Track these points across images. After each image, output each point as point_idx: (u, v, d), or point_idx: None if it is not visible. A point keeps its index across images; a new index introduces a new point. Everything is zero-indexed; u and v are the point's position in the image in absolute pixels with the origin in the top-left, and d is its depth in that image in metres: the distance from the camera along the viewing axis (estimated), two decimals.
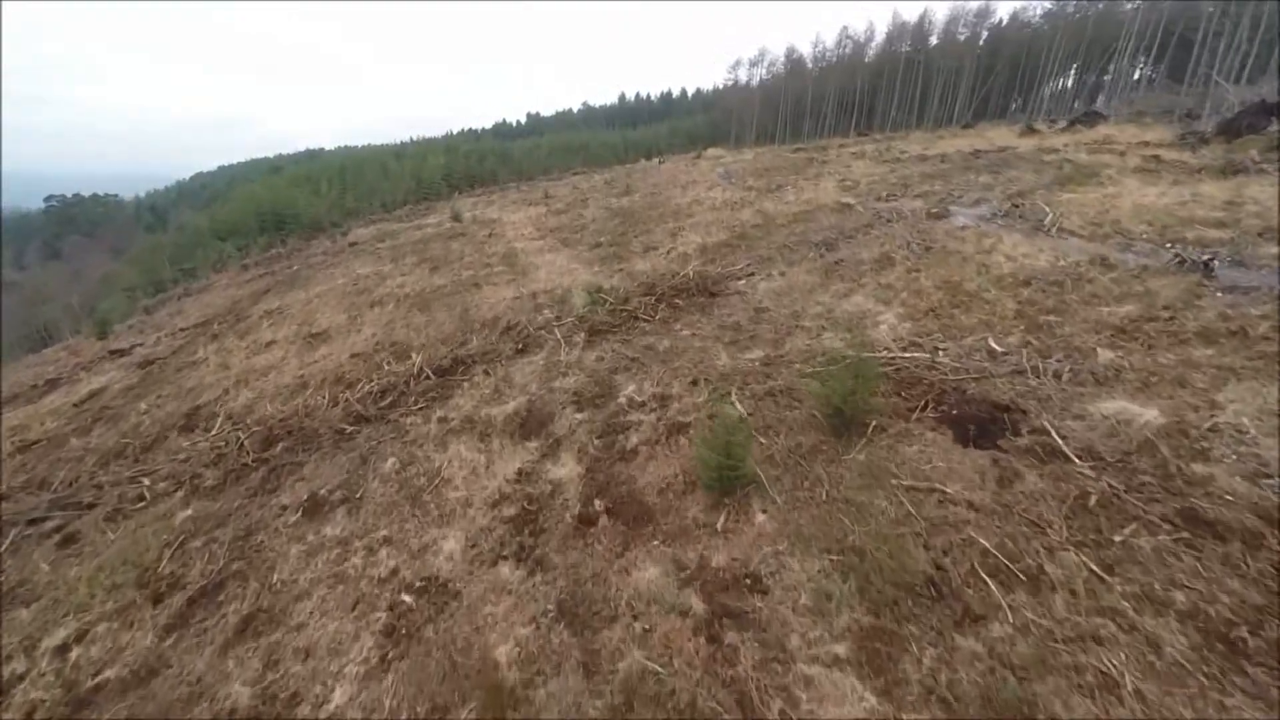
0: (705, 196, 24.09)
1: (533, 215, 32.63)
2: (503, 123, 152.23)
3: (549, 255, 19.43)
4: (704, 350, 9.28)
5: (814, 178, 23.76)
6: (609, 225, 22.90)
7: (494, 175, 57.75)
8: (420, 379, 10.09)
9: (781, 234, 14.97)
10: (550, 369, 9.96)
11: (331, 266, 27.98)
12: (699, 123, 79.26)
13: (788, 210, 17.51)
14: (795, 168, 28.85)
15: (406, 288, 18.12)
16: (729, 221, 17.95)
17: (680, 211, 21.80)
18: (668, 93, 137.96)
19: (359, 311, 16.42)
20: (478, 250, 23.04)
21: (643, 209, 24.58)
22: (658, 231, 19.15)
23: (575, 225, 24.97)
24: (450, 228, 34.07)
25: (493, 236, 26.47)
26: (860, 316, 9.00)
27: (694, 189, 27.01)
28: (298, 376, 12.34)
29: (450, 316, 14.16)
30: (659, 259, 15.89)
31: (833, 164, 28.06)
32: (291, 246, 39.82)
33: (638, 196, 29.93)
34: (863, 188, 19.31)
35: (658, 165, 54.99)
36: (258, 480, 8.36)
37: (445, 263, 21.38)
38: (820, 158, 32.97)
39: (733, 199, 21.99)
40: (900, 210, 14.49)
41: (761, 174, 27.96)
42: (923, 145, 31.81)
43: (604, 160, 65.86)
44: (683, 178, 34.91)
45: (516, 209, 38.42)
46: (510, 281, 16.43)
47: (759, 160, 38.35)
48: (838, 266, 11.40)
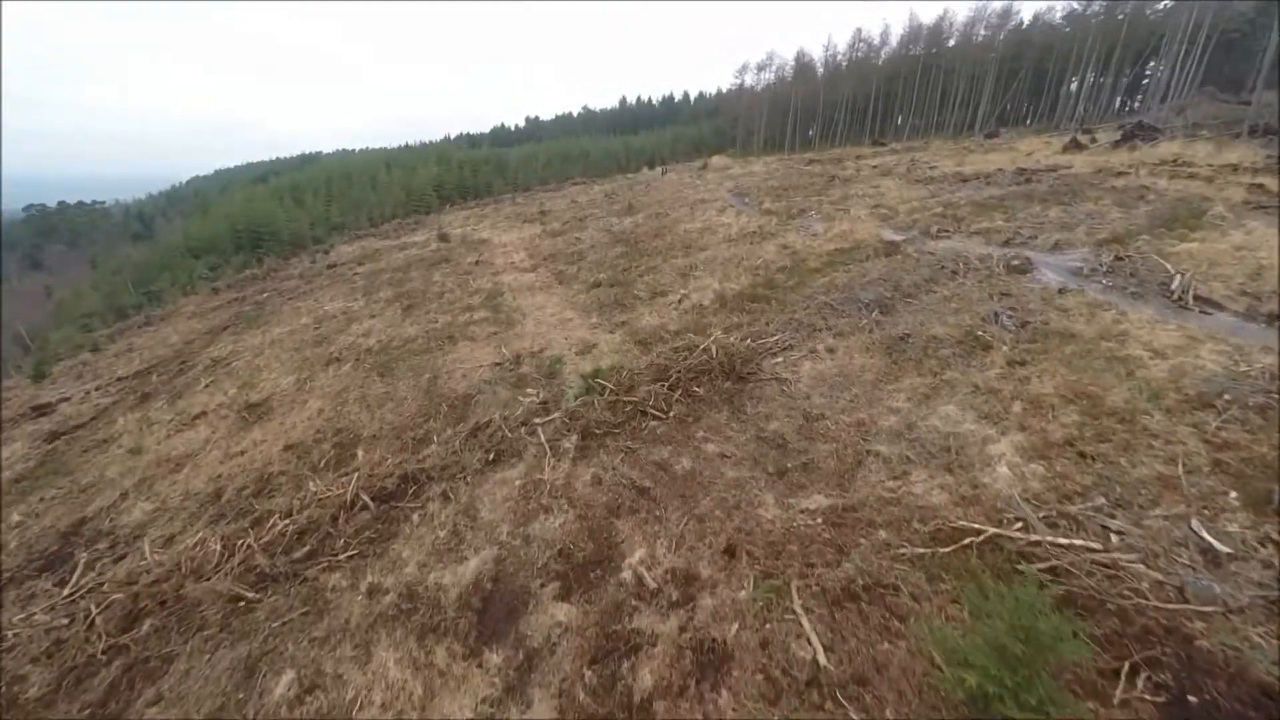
0: (717, 222, 21.65)
1: (526, 237, 30.25)
2: (501, 127, 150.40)
3: (539, 296, 16.98)
4: (739, 485, 6.79)
5: (840, 201, 21.32)
6: (609, 255, 20.47)
7: (488, 187, 55.41)
8: (355, 510, 7.59)
9: (818, 283, 12.50)
10: (529, 496, 7.47)
11: (302, 297, 25.57)
12: (703, 130, 76.85)
13: (819, 248, 15.05)
14: (815, 186, 26.44)
15: (372, 338, 15.66)
16: (749, 260, 15.49)
17: (690, 242, 19.35)
18: (669, 96, 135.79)
19: (312, 372, 13.96)
20: (460, 284, 20.60)
21: (647, 235, 22.15)
22: (665, 269, 16.69)
23: (571, 252, 22.55)
24: (435, 249, 31.68)
25: (479, 264, 24.05)
26: (960, 443, 6.49)
27: (703, 210, 24.59)
28: (214, 477, 9.86)
29: (414, 389, 11.69)
30: (668, 310, 13.43)
31: (857, 182, 25.65)
32: (268, 266, 37.47)
33: (641, 217, 27.53)
34: (903, 218, 16.86)
35: (661, 175, 52.61)
36: (100, 691, 5.88)
37: (422, 301, 18.93)
38: (839, 173, 30.57)
39: (750, 227, 19.54)
40: (965, 257, 12.01)
41: (778, 194, 25.54)
42: (953, 159, 29.39)
43: (605, 169, 63.61)
44: (689, 193, 32.52)
45: (509, 227, 36.04)
46: (491, 336, 13.96)
47: (771, 174, 35.98)
48: (904, 345, 8.91)
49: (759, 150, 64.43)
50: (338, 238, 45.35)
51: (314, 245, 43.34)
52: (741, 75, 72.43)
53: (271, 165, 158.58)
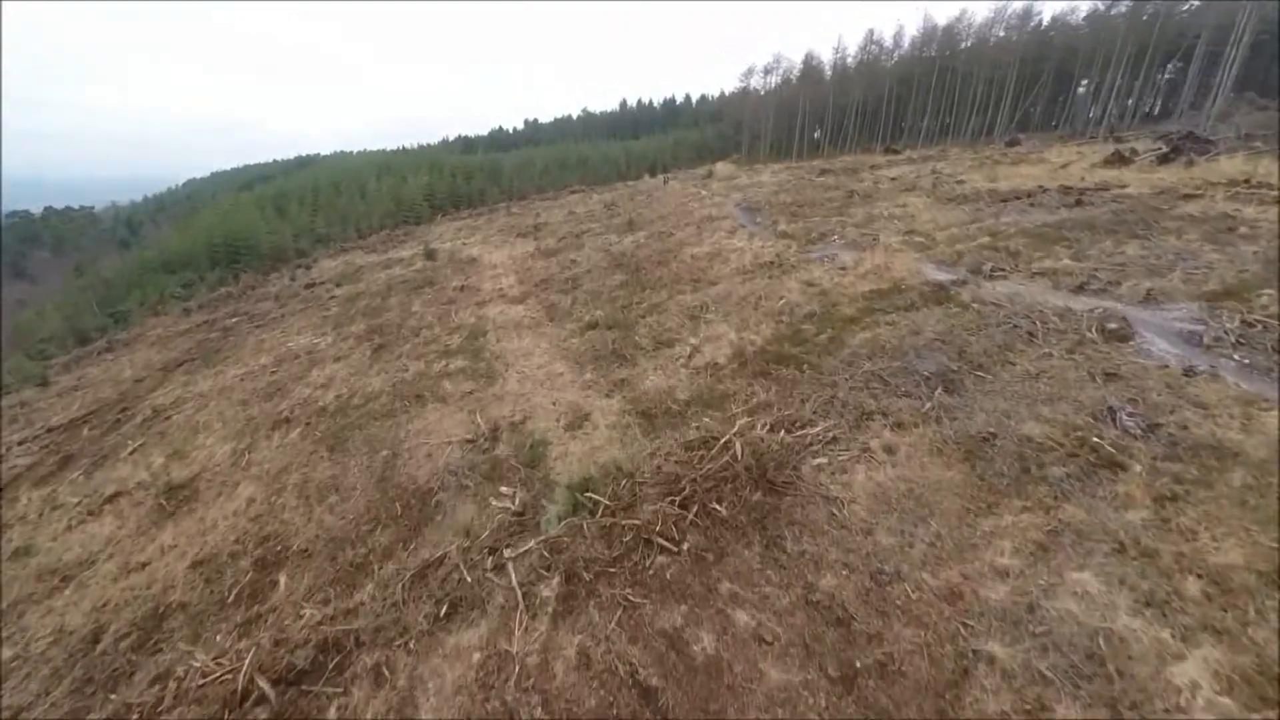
0: (728, 246, 19.63)
1: (517, 255, 28.26)
2: (499, 130, 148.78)
3: (527, 338, 14.94)
4: (788, 699, 4.73)
5: (865, 224, 19.29)
6: (607, 284, 18.46)
7: (482, 195, 53.41)
8: (247, 706, 5.53)
9: (857, 339, 10.46)
10: (489, 683, 5.42)
11: (271, 325, 23.58)
12: (706, 134, 74.68)
13: (851, 288, 13.01)
14: (832, 203, 24.43)
15: (331, 391, 13.63)
16: (769, 300, 13.45)
17: (698, 272, 17.31)
18: (671, 99, 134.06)
19: (254, 439, 11.91)
20: (440, 317, 18.58)
21: (649, 260, 20.13)
22: (671, 308, 14.66)
23: (566, 278, 20.54)
24: (420, 269, 29.67)
25: (464, 290, 22.04)
26: (1118, 652, 4.42)
27: (711, 231, 22.58)
28: (100, 606, 7.80)
29: (366, 473, 9.63)
30: (676, 367, 11.39)
31: (879, 199, 23.64)
32: (245, 284, 35.51)
33: (642, 236, 25.53)
34: (944, 249, 14.83)
35: (664, 185, 50.57)
36: None
37: (395, 339, 16.91)
38: (856, 186, 28.54)
39: (765, 254, 17.52)
40: (1039, 310, 9.96)
41: (793, 212, 23.52)
42: (981, 172, 27.37)
43: (604, 176, 61.65)
44: (695, 208, 30.53)
45: (501, 242, 34.06)
46: (466, 396, 11.91)
47: (782, 186, 33.97)
48: (990, 450, 6.86)
49: (765, 156, 62.49)
50: (322, 250, 43.48)
51: (296, 259, 41.42)
52: (747, 79, 70.59)
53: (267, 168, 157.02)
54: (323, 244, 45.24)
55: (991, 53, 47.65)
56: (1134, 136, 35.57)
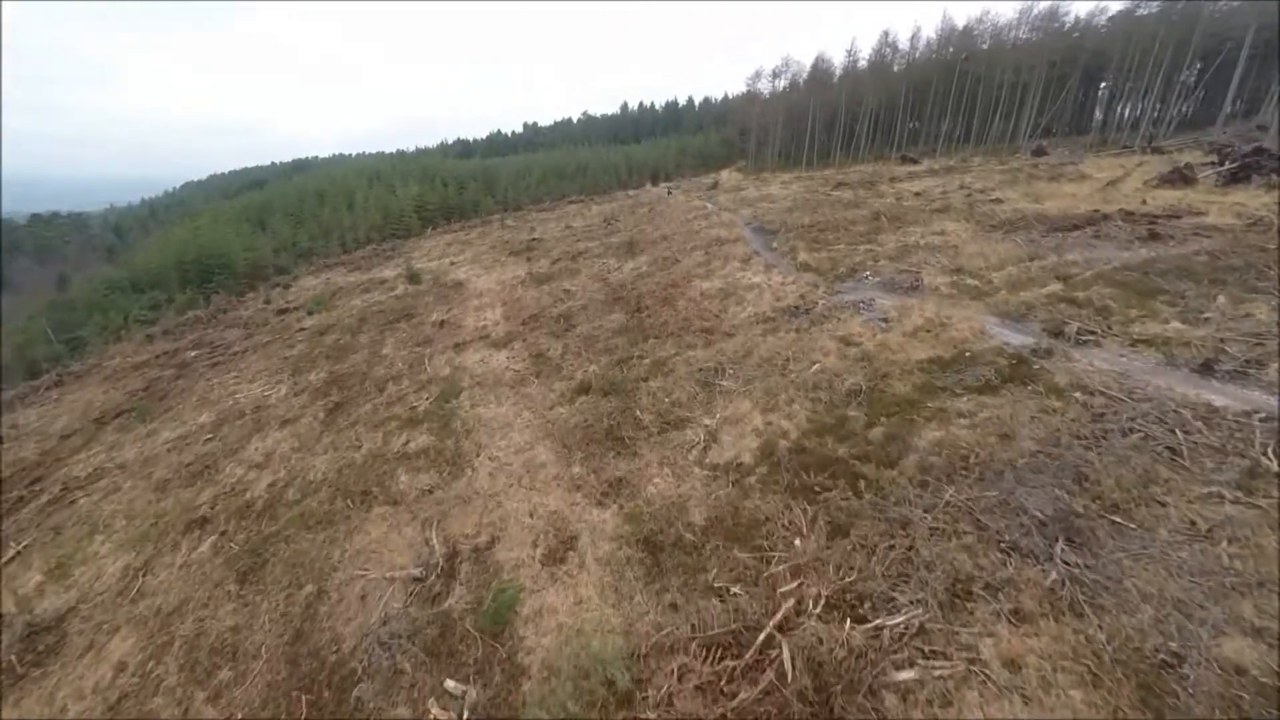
0: (742, 281, 17.30)
1: (507, 281, 25.95)
2: (497, 133, 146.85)
3: (507, 404, 12.62)
4: None
5: (901, 257, 16.94)
6: (604, 327, 16.16)
7: (475, 207, 51.13)
8: None
9: (925, 439, 8.12)
10: None
11: (229, 364, 21.30)
12: (710, 140, 72.17)
13: (902, 353, 10.67)
14: (857, 227, 22.07)
15: (267, 474, 11.32)
16: (800, 365, 11.12)
17: (710, 317, 14.98)
18: (673, 102, 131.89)
19: (158, 547, 9.61)
20: (412, 365, 16.28)
21: (653, 298, 17.80)
22: (680, 369, 12.32)
23: (558, 315, 18.25)
24: (401, 294, 27.34)
25: (444, 328, 19.73)
26: None
27: (721, 259, 20.25)
28: None
29: (276, 629, 7.31)
30: (688, 465, 9.06)
31: (911, 222, 21.29)
32: (216, 306, 33.31)
33: (644, 262, 23.23)
34: (1006, 297, 12.48)
35: (667, 195, 48.17)
36: None
37: (357, 394, 14.62)
38: (881, 205, 26.17)
39: (788, 295, 15.18)
40: (1174, 409, 7.61)
41: (813, 237, 21.18)
42: (1017, 189, 25.01)
43: (604, 185, 59.41)
44: (701, 226, 28.17)
45: (491, 262, 31.75)
46: (424, 496, 9.59)
47: (796, 201, 31.57)
48: (1177, 681, 4.51)
49: (773, 164, 60.17)
50: (305, 267, 41.35)
51: (276, 276, 39.29)
52: (754, 82, 68.22)
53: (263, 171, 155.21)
54: (305, 259, 43.11)
55: (1014, 55, 45.26)
56: (1175, 147, 33.19)
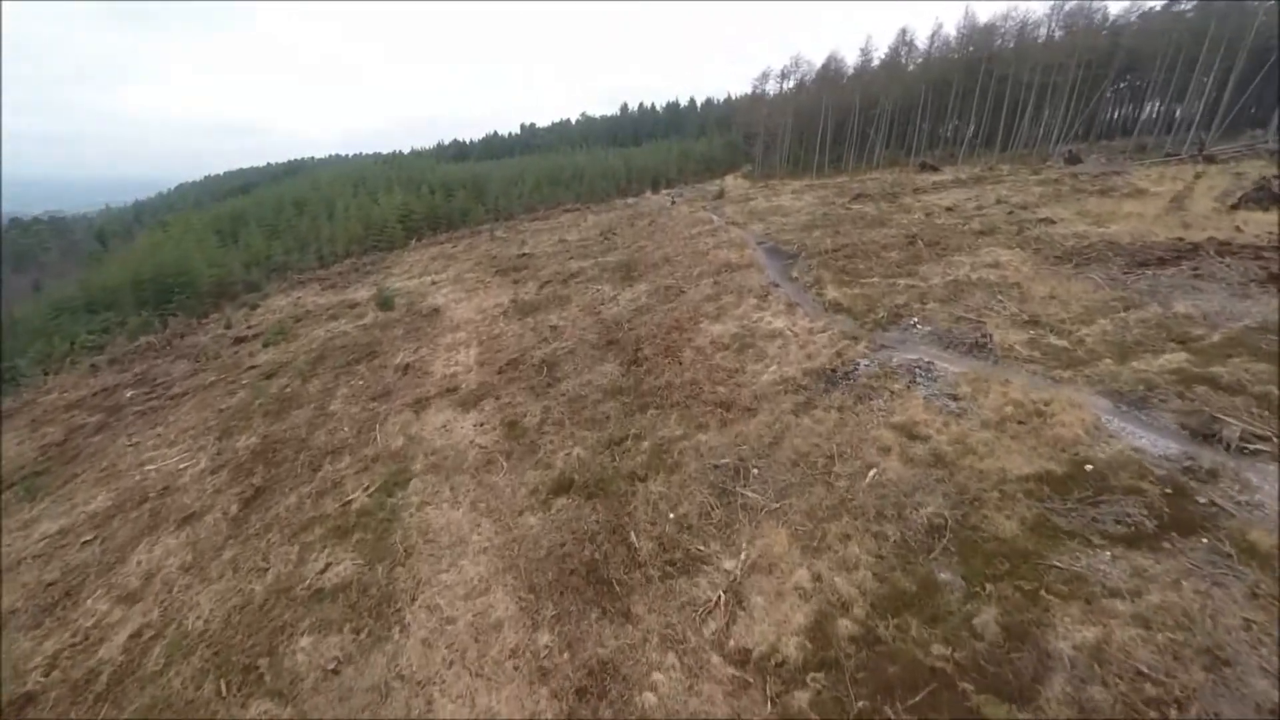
0: (760, 326, 14.53)
1: (488, 310, 23.20)
2: (494, 135, 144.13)
3: (463, 506, 9.87)
4: None
5: (954, 298, 14.17)
6: (594, 385, 13.42)
7: (464, 216, 48.37)
8: None
9: (1071, 634, 5.38)
10: None
11: (163, 409, 18.60)
12: (714, 144, 69.10)
13: (992, 458, 7.92)
14: (889, 251, 19.28)
15: (135, 615, 8.59)
16: (847, 467, 8.37)
17: (724, 381, 12.20)
18: (674, 103, 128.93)
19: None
20: (361, 430, 13.55)
21: (653, 341, 15.06)
22: (689, 463, 9.57)
23: (541, 361, 15.54)
24: (369, 324, 24.56)
25: (408, 375, 16.99)
26: None
27: (734, 293, 17.48)
28: None
29: None
30: (703, 649, 6.32)
31: (954, 249, 18.51)
32: (172, 331, 30.60)
33: (644, 292, 20.50)
34: (1114, 369, 9.73)
35: (670, 204, 45.31)
36: None
37: (287, 474, 11.89)
38: (909, 222, 23.37)
39: (819, 351, 12.43)
40: None
41: (841, 268, 18.40)
42: (1066, 206, 22.23)
43: (602, 192, 56.62)
44: (708, 246, 25.37)
45: (475, 284, 28.94)
46: (318, 693, 6.86)
47: (813, 216, 28.74)
48: None
49: (781, 170, 57.41)
50: (277, 284, 38.66)
51: (244, 295, 36.63)
52: (762, 83, 65.34)
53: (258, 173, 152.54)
54: (279, 274, 40.43)
55: (1043, 53, 42.42)
56: (1230, 154, 30.44)
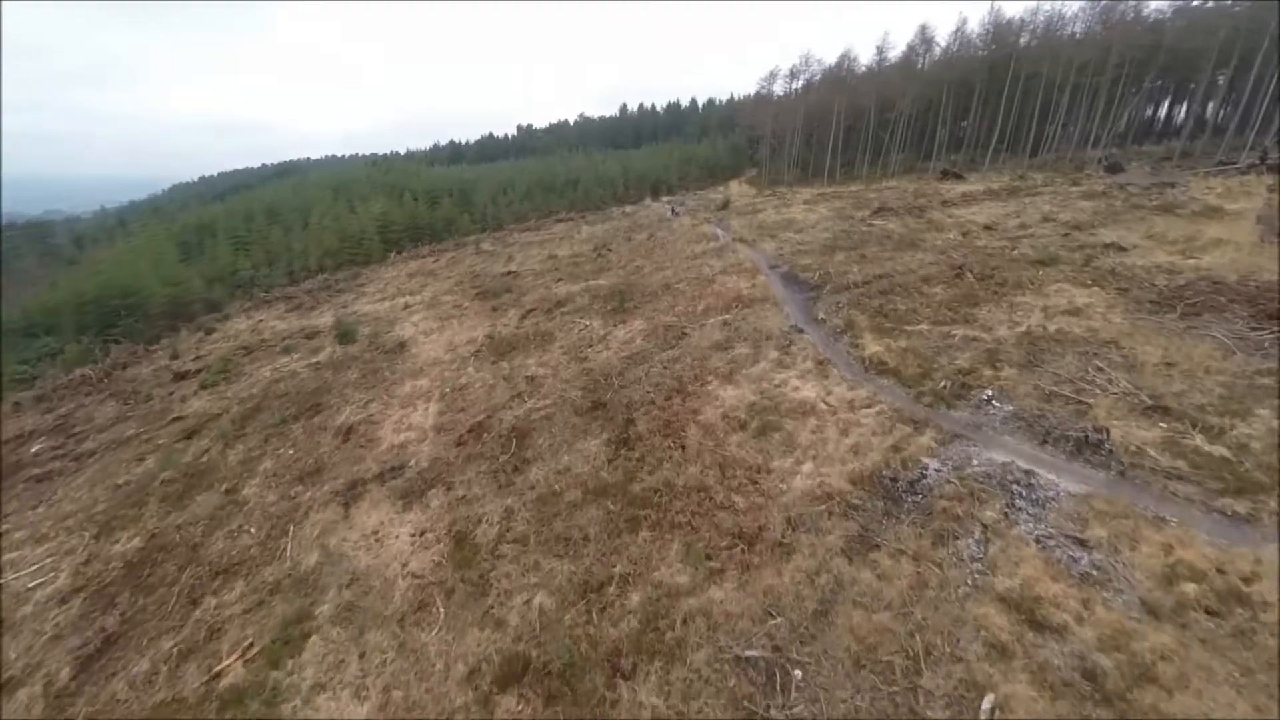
0: (785, 393, 11.56)
1: (459, 348, 20.20)
2: (489, 136, 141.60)
3: (375, 692, 6.93)
4: None
5: (1033, 361, 11.19)
6: (571, 477, 10.54)
7: (450, 227, 45.40)
8: None
9: None
10: None
11: (60, 477, 15.64)
12: (718, 148, 66.01)
13: (1186, 695, 4.94)
14: (932, 285, 16.28)
15: None
16: (945, 684, 5.42)
17: (741, 488, 9.22)
18: (675, 103, 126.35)
19: None
20: (271, 531, 10.63)
21: (649, 415, 12.08)
22: (692, 640, 6.63)
23: (511, 427, 12.64)
24: (323, 362, 21.53)
25: (349, 444, 14.01)
26: None
27: (750, 344, 14.51)
28: None
29: None
30: None
31: (1009, 281, 15.55)
32: (114, 360, 27.62)
33: (639, 331, 17.51)
34: None
35: (671, 215, 42.14)
36: None
37: (154, 610, 8.96)
38: (947, 245, 20.39)
39: (867, 441, 9.47)
40: None
41: (876, 305, 15.41)
42: (1136, 230, 19.28)
43: (598, 200, 53.68)
44: (714, 269, 22.34)
45: (450, 309, 25.97)
46: None
47: (834, 235, 25.70)
48: None
49: (789, 176, 54.41)
50: (240, 303, 35.75)
51: (204, 316, 33.74)
52: (769, 83, 62.29)
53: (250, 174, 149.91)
54: (245, 292, 37.53)
55: (1078, 51, 39.36)
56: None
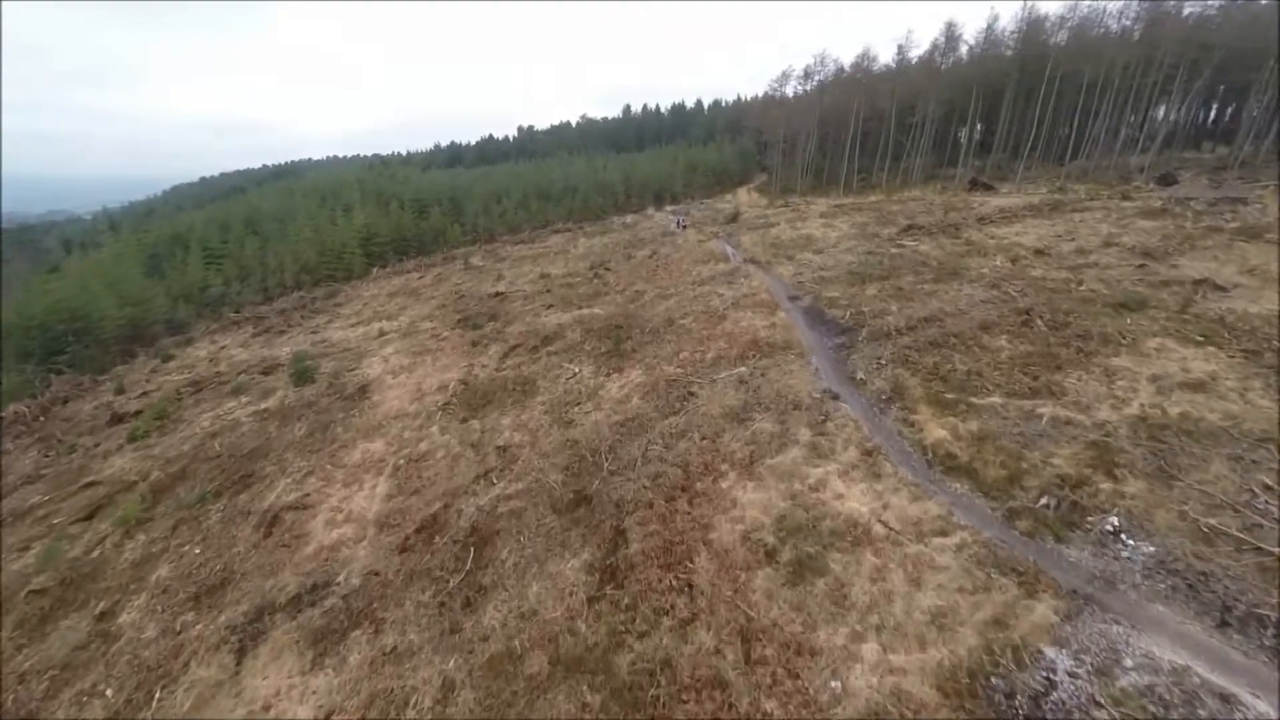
0: (825, 500, 8.84)
1: (427, 395, 17.46)
2: (489, 138, 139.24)
3: None
4: None
5: (1177, 474, 8.42)
6: (540, 629, 7.87)
7: (439, 238, 42.75)
8: None
9: None
10: None
11: None
12: (726, 155, 62.88)
13: None
14: (994, 329, 13.52)
15: None
16: None
17: (770, 674, 6.50)
18: (680, 105, 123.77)
19: None
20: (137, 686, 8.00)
21: (645, 520, 9.39)
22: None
23: (466, 540, 9.95)
24: (275, 406, 18.82)
25: (270, 539, 11.32)
26: None
27: (772, 410, 11.78)
28: None
29: None
30: None
31: (1089, 334, 12.77)
32: (55, 394, 25.15)
33: (636, 386, 14.77)
34: None
35: (676, 229, 39.22)
36: None
37: None
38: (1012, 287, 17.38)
39: (953, 598, 6.75)
40: None
41: (929, 364, 12.65)
42: (1225, 261, 16.44)
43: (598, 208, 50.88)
44: (726, 305, 19.38)
45: (427, 340, 23.27)
46: None
47: (854, 254, 23.01)
48: None
49: (803, 184, 51.43)
50: (205, 324, 33.21)
51: (164, 340, 31.21)
52: (782, 85, 59.18)
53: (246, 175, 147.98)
54: (214, 309, 35.02)
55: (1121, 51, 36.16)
56: None
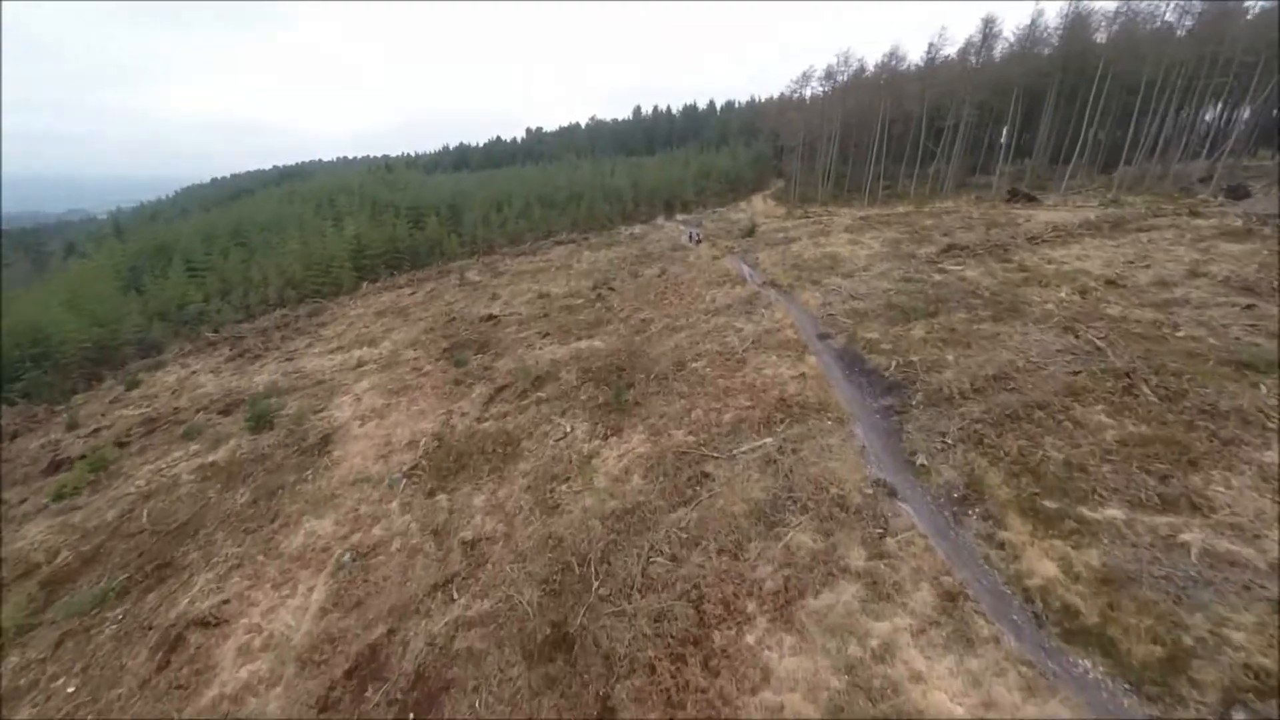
0: (900, 692, 6.31)
1: (398, 447, 15.11)
2: (497, 140, 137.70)
3: None
4: None
5: None
6: None
7: (435, 249, 40.70)
8: None
9: None
10: None
11: None
12: (740, 161, 60.26)
13: None
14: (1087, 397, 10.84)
15: None
16: None
17: None
18: (692, 106, 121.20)
19: None
20: None
21: (649, 673, 6.90)
22: None
23: (408, 694, 7.55)
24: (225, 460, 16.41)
25: (163, 675, 8.95)
26: None
27: (810, 513, 9.25)
28: None
29: None
30: None
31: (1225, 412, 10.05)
32: (4, 427, 23.20)
33: (637, 457, 12.22)
34: None
35: (688, 243, 36.75)
36: None
37: None
38: (1095, 335, 14.59)
39: None
40: None
41: (1008, 447, 10.01)
42: None
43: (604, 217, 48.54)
44: (746, 345, 16.90)
45: (408, 375, 20.91)
46: None
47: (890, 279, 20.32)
48: None
49: (823, 191, 48.71)
50: (181, 344, 31.23)
51: (133, 363, 29.30)
52: (803, 86, 56.37)
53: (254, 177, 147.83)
54: (192, 328, 33.04)
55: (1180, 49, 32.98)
56: None
